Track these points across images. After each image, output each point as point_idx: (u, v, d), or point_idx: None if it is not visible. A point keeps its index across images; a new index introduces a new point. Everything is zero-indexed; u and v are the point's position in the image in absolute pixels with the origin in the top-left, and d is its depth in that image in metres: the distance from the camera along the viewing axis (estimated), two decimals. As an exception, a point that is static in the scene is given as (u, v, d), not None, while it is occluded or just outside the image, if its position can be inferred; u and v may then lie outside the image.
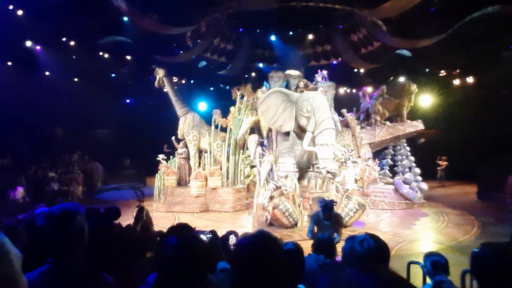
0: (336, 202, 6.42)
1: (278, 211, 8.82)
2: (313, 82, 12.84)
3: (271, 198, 9.09)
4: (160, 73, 14.32)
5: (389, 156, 15.15)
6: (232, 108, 13.19)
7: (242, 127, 12.02)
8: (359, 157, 12.93)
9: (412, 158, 14.23)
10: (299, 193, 9.55)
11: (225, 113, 13.54)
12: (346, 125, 13.72)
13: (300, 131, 9.92)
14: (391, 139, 14.36)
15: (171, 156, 13.97)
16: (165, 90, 14.57)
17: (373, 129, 14.10)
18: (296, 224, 8.99)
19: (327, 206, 5.93)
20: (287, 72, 12.72)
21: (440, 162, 18.22)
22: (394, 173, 14.60)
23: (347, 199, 9.19)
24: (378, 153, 15.39)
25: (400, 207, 12.53)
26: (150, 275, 2.00)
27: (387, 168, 14.98)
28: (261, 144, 11.99)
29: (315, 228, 6.03)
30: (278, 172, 9.87)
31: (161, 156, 13.41)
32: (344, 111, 13.83)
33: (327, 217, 5.91)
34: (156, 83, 14.39)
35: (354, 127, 13.38)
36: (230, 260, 2.58)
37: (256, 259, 1.64)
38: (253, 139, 11.45)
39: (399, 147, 14.79)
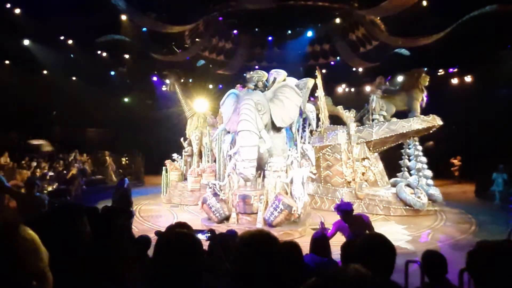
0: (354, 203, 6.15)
1: (206, 206, 9.24)
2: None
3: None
4: (171, 77, 15.26)
5: (406, 156, 13.15)
6: (220, 109, 13.42)
7: (220, 126, 12.01)
8: (349, 158, 12.46)
9: (424, 159, 12.55)
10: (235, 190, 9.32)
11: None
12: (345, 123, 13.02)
13: None
14: (394, 137, 12.71)
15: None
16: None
17: (371, 127, 12.76)
18: (226, 219, 9.14)
19: (340, 208, 5.62)
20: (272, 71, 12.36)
21: (454, 161, 18.30)
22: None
23: (274, 198, 8.86)
24: (397, 152, 13.82)
25: (398, 213, 11.33)
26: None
27: (405, 169, 13.07)
28: None
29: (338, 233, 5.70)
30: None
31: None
32: (339, 107, 13.24)
33: (348, 221, 5.53)
34: (168, 87, 15.36)
35: (349, 124, 12.56)
36: (229, 258, 2.58)
37: (254, 257, 1.64)
38: (227, 138, 11.50)
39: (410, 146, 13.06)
